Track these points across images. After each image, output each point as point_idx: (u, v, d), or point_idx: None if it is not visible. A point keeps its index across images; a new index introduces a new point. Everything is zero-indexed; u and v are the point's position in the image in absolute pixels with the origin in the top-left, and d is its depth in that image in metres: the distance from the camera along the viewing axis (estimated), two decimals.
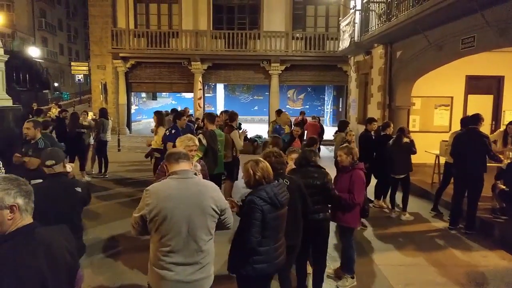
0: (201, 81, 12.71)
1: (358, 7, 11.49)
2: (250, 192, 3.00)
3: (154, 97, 25.57)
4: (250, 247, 2.89)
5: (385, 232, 6.13)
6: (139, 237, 3.50)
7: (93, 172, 9.84)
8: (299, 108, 23.98)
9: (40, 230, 1.84)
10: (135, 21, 18.03)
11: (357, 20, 11.55)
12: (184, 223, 2.49)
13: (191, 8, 17.56)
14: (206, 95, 20.39)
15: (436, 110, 10.41)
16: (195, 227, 2.52)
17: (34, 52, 31.63)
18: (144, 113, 23.77)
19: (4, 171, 4.16)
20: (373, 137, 7.42)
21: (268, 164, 3.07)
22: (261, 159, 3.13)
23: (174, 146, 4.22)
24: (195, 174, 2.77)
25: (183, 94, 24.20)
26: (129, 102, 19.38)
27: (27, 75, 33.04)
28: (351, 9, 12.39)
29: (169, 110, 11.29)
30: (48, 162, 3.06)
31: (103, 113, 9.85)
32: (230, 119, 7.14)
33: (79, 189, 3.12)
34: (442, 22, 7.56)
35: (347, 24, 12.61)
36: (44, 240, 1.81)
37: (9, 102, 7.30)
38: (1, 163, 4.20)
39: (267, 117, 18.58)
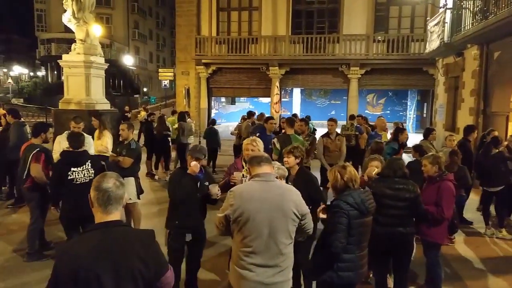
0: (278, 86, 12.80)
1: (449, 5, 10.67)
2: (336, 197, 2.97)
3: (233, 102, 26.44)
4: (335, 252, 2.84)
5: (477, 251, 5.57)
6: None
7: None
8: (378, 113, 22.97)
9: (114, 230, 1.92)
10: (217, 29, 18.84)
11: (448, 19, 10.74)
12: (266, 225, 2.53)
13: (271, 14, 17.85)
14: (282, 99, 20.52)
15: None
16: (276, 230, 2.55)
17: (128, 60, 34.79)
18: (224, 117, 24.69)
19: (93, 172, 4.48)
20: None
21: (354, 170, 3.03)
22: (348, 164, 3.09)
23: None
24: (276, 177, 2.81)
25: (260, 99, 24.65)
26: (209, 106, 20.28)
27: (122, 81, 36.53)
28: (440, 7, 11.56)
29: (246, 114, 11.56)
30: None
31: (181, 117, 10.38)
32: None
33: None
34: None
35: (435, 24, 11.79)
36: (106, 240, 1.88)
37: (107, 106, 8.10)
38: (90, 164, 4.50)
39: (345, 122, 18.09)
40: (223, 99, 25.29)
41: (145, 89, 43.01)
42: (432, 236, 4.01)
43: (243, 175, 3.85)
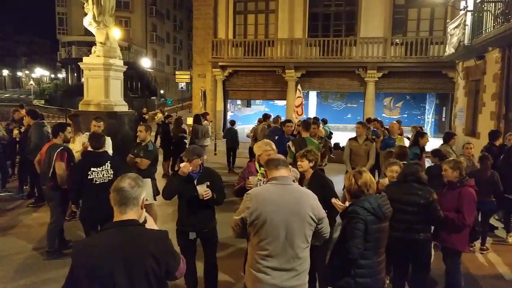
0: (300, 88, 12.74)
1: (470, 7, 10.47)
2: (353, 202, 2.94)
3: (249, 104, 26.49)
4: (352, 258, 2.82)
5: (499, 259, 5.42)
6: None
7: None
8: (396, 117, 22.65)
9: (128, 229, 1.96)
10: (234, 32, 18.93)
11: (468, 22, 10.53)
12: (282, 229, 2.52)
13: (287, 17, 17.84)
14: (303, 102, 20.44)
15: None
16: (293, 234, 2.54)
17: (145, 62, 35.30)
18: (239, 120, 24.71)
19: (112, 172, 4.55)
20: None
21: (371, 176, 2.99)
22: (365, 169, 3.06)
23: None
24: (293, 181, 2.79)
25: (276, 101, 24.63)
26: (225, 109, 20.38)
27: (139, 83, 37.04)
28: (461, 10, 11.36)
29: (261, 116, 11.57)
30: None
31: (196, 119, 10.43)
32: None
33: None
34: None
35: (456, 27, 11.58)
36: (121, 239, 1.92)
37: (125, 108, 8.22)
38: (109, 164, 4.58)
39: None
40: (238, 102, 25.38)
41: (162, 91, 43.51)
42: (452, 242, 3.92)
43: (258, 179, 3.84)
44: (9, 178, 8.52)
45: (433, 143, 10.32)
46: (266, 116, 10.53)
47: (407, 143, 8.25)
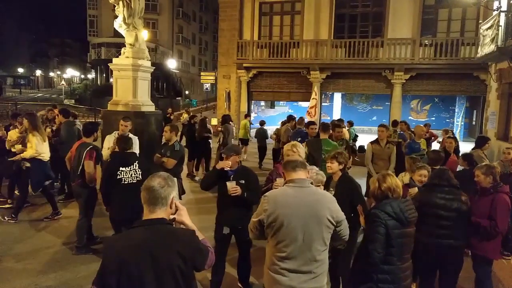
0: (316, 90, 12.68)
1: (504, 8, 10.09)
2: (375, 206, 2.90)
3: (272, 106, 26.48)
4: (373, 262, 2.77)
5: None
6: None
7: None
8: (423, 120, 22.12)
9: (156, 227, 1.99)
10: (259, 33, 18.98)
11: (502, 22, 10.16)
12: (300, 231, 2.51)
13: (313, 18, 17.73)
14: (322, 104, 20.31)
15: None
16: (310, 236, 2.52)
17: (171, 63, 35.88)
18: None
19: (140, 172, 4.62)
20: None
21: (397, 180, 2.93)
22: (391, 173, 3.00)
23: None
24: (311, 183, 2.77)
25: (300, 103, 24.51)
26: (249, 110, 20.41)
27: (165, 84, 37.71)
28: (494, 10, 10.97)
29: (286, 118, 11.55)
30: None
31: (226, 119, 10.53)
32: None
33: None
34: None
35: (488, 28, 11.20)
36: (148, 237, 1.96)
37: (152, 108, 8.37)
38: (137, 164, 4.66)
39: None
40: (262, 103, 25.41)
41: (187, 92, 44.13)
42: (483, 250, 3.78)
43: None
44: None
45: (463, 147, 9.99)
46: (290, 118, 10.49)
47: (435, 147, 8.02)
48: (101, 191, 4.81)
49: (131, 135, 5.78)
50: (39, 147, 6.12)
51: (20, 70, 62.50)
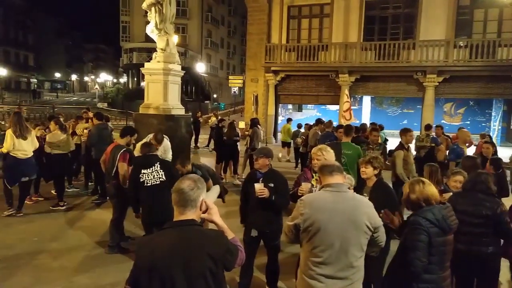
0: (347, 93, 12.52)
1: None
2: (415, 212, 2.81)
3: (300, 109, 26.36)
4: (415, 271, 2.68)
5: None
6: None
7: (243, 177, 10.64)
8: (457, 124, 21.34)
9: (186, 228, 2.02)
10: (287, 36, 18.97)
11: None
12: (337, 237, 2.47)
13: (342, 20, 17.55)
14: (351, 107, 19.97)
15: None
16: (348, 242, 2.48)
17: (200, 67, 36.44)
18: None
19: (163, 173, 4.64)
20: None
21: (431, 186, 2.83)
22: (425, 179, 2.90)
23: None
24: (348, 188, 2.73)
25: (328, 106, 24.27)
26: (276, 113, 20.43)
27: (194, 88, 38.31)
28: None
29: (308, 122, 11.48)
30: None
31: (254, 122, 10.56)
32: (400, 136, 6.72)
33: None
34: None
35: None
36: (179, 237, 1.99)
37: (182, 111, 8.52)
38: (159, 165, 4.67)
39: (418, 132, 17.11)
40: (290, 106, 25.33)
41: (215, 96, 44.66)
42: None
43: (312, 185, 3.81)
44: (76, 176, 9.15)
45: (501, 153, 9.57)
46: (318, 121, 10.40)
47: (470, 152, 7.71)
48: (128, 195, 4.91)
49: (165, 139, 5.96)
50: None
51: (57, 75, 65.24)
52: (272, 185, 3.85)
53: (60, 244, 5.55)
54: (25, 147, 6.61)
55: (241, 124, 17.21)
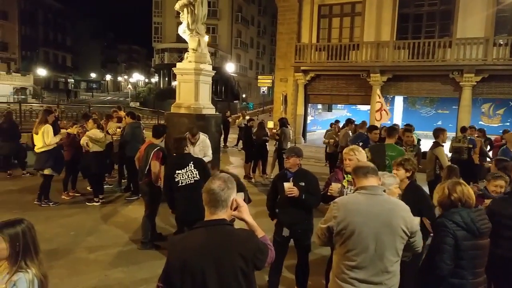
0: (379, 93, 12.25)
1: None
2: (441, 214, 2.72)
3: (329, 109, 26.06)
4: (440, 274, 2.59)
5: None
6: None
7: (272, 177, 10.62)
8: (496, 125, 20.44)
9: (217, 228, 2.02)
10: (318, 36, 18.78)
11: None
12: (372, 241, 2.42)
13: (374, 19, 17.18)
14: (384, 107, 19.51)
15: None
16: (383, 246, 2.43)
17: (229, 67, 36.72)
18: (319, 124, 24.44)
19: (197, 172, 4.68)
20: None
21: (470, 188, 2.73)
22: (463, 181, 2.80)
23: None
24: (384, 191, 2.66)
25: (359, 106, 23.85)
26: (306, 113, 20.28)
27: (223, 88, 38.68)
28: None
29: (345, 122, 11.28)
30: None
31: (283, 122, 10.53)
32: (435, 135, 6.57)
33: None
34: None
35: None
36: (209, 237, 2.00)
37: (212, 111, 8.60)
38: (193, 165, 4.68)
39: (454, 133, 16.50)
40: (319, 106, 25.08)
41: (244, 95, 44.88)
42: None
43: (343, 186, 3.75)
44: (109, 173, 9.43)
45: None
46: (349, 121, 10.24)
47: None
48: (164, 195, 4.99)
49: (202, 135, 6.08)
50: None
51: (93, 75, 67.73)
52: (302, 184, 3.85)
53: (95, 239, 5.74)
54: (36, 142, 7.12)
55: (270, 124, 17.21)
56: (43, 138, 6.91)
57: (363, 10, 17.30)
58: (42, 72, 44.98)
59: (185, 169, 4.66)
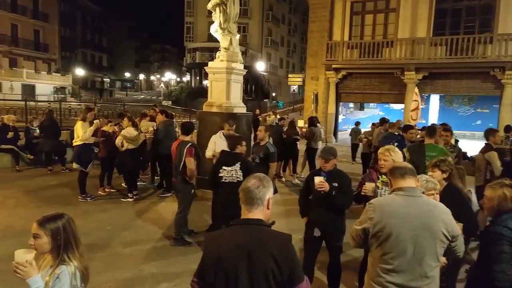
0: (417, 92, 11.87)
1: None
2: (493, 221, 2.58)
3: (361, 108, 25.59)
4: (500, 286, 2.46)
5: None
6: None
7: (302, 176, 10.53)
8: None
9: (252, 227, 2.01)
10: (350, 33, 18.46)
11: None
12: (410, 244, 2.34)
13: (410, 15, 16.68)
14: (419, 107, 18.95)
15: None
16: (422, 251, 2.34)
17: (260, 66, 36.77)
18: (350, 123, 24.00)
19: (241, 173, 4.71)
20: None
21: None
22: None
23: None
24: (423, 192, 2.57)
25: (391, 105, 23.24)
26: (337, 112, 20.00)
27: (253, 86, 38.78)
28: None
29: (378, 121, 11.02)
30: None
31: (313, 121, 10.42)
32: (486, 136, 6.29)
33: None
34: None
35: None
36: (245, 236, 1.99)
37: (244, 110, 8.63)
38: (239, 165, 4.77)
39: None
40: (351, 105, 24.66)
41: (274, 94, 44.80)
42: None
43: (377, 186, 3.66)
44: (143, 170, 9.67)
45: None
46: (383, 121, 9.97)
47: None
48: (209, 186, 5.12)
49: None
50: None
51: (127, 74, 69.78)
52: (336, 184, 3.80)
53: (130, 234, 5.90)
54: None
55: (300, 123, 17.07)
56: (76, 133, 7.25)
57: (398, 6, 16.84)
58: (80, 72, 46.79)
59: (231, 167, 4.76)
